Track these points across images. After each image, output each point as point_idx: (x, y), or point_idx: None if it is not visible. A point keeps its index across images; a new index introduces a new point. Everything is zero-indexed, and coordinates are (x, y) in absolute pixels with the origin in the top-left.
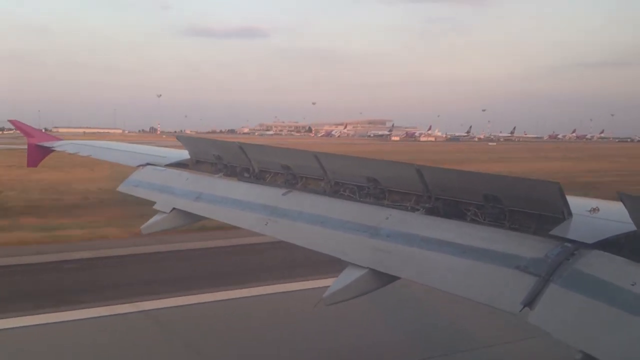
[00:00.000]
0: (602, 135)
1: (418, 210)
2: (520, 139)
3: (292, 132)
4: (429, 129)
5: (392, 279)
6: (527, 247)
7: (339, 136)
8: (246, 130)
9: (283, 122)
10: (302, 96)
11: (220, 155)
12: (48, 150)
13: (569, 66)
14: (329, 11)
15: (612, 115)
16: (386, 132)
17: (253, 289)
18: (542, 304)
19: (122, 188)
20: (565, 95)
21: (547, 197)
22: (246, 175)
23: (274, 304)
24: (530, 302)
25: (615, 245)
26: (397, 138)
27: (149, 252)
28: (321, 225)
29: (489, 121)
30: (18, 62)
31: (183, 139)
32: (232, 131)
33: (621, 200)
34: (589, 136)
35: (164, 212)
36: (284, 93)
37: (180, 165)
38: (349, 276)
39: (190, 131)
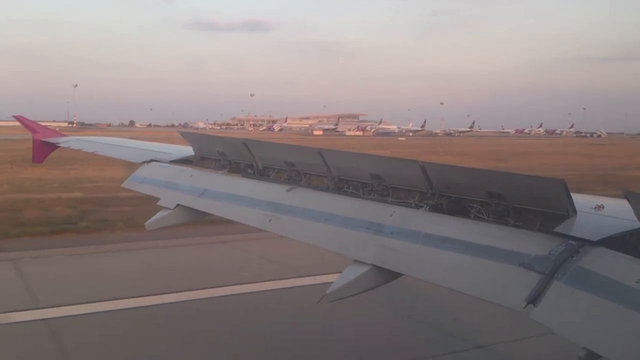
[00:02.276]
0: (572, 129)
1: (422, 207)
2: (461, 134)
3: (245, 127)
4: (380, 122)
5: (396, 275)
6: (531, 244)
7: (278, 130)
8: (201, 124)
9: (256, 116)
10: (294, 90)
11: (224, 152)
12: (53, 146)
13: (571, 60)
14: (327, 4)
15: (584, 108)
16: (332, 126)
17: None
18: (545, 301)
19: (126, 184)
20: (564, 90)
21: (551, 194)
22: (250, 171)
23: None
24: (534, 299)
25: (620, 242)
26: (319, 132)
27: None
28: (325, 221)
29: (468, 115)
30: (20, 57)
31: (187, 136)
32: (185, 125)
33: (626, 198)
34: (558, 131)
35: (168, 209)
36: (278, 87)
37: (184, 161)
38: (352, 273)
39: (140, 124)
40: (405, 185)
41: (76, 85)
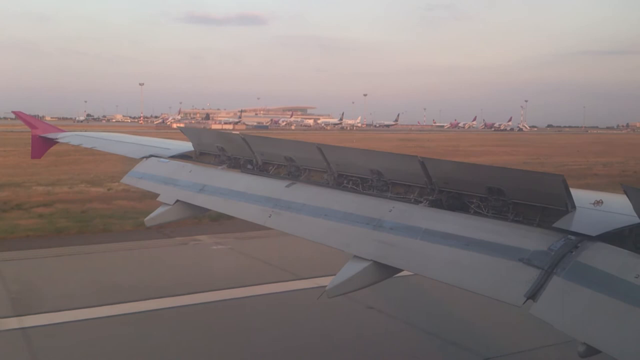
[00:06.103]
0: (510, 123)
1: (421, 202)
2: (354, 127)
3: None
4: (291, 116)
5: (395, 271)
6: (531, 239)
7: (169, 124)
8: (119, 117)
9: (204, 109)
10: (279, 85)
11: (224, 147)
12: (52, 142)
13: (567, 54)
14: None
15: (526, 101)
16: (236, 120)
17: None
18: (545, 296)
19: (125, 180)
20: (556, 84)
21: (550, 189)
22: (249, 167)
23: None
24: (533, 294)
25: (618, 237)
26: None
27: None
28: (324, 217)
29: (424, 108)
30: (20, 50)
31: (187, 131)
32: (103, 116)
33: (625, 193)
34: (497, 124)
35: (168, 204)
36: (272, 82)
37: (183, 157)
38: (352, 268)
39: (50, 118)
40: (404, 180)
41: None
